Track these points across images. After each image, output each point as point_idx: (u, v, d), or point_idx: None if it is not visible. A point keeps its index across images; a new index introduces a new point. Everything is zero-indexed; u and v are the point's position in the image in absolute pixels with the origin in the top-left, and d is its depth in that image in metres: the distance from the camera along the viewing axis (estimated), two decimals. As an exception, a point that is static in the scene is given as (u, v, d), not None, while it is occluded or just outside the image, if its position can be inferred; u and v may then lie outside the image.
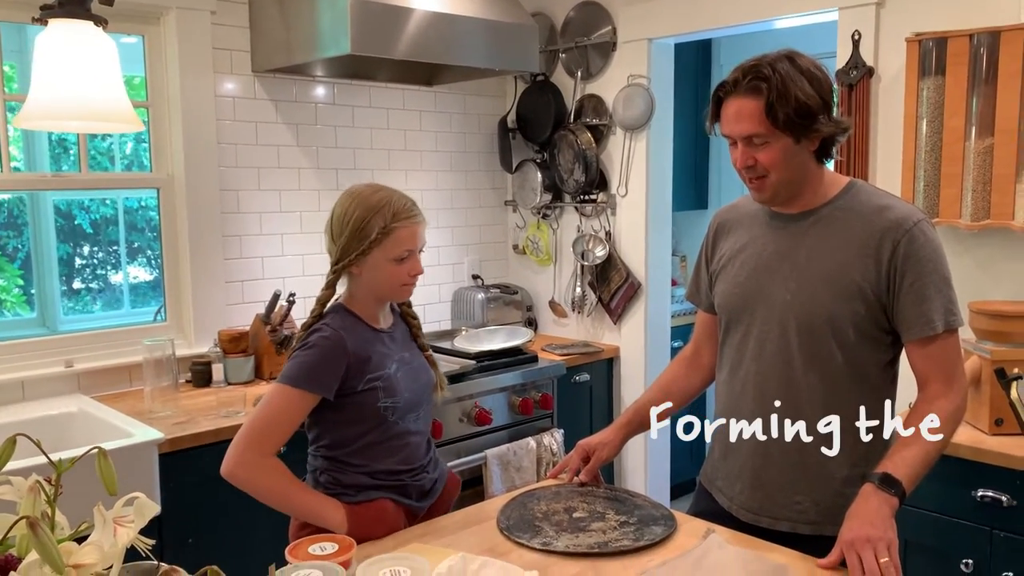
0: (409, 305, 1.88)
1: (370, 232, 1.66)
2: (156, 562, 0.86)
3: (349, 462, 1.72)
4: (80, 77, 1.53)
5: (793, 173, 1.54)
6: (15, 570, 0.71)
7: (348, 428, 1.71)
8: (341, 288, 1.77)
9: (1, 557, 0.73)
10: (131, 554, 0.91)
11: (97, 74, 1.55)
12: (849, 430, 1.56)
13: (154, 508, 0.84)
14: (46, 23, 1.63)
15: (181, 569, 0.77)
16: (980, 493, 2.10)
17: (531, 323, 3.74)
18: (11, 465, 0.92)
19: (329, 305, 1.74)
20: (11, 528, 0.71)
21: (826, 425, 1.55)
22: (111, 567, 0.79)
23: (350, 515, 1.67)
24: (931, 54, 2.42)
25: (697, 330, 1.89)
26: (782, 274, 1.59)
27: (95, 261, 3.71)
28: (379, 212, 1.66)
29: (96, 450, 0.86)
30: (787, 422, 1.59)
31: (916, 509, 2.20)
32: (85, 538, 0.86)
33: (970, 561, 2.12)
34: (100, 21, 1.65)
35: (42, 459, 1.40)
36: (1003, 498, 2.07)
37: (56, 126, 1.79)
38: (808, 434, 1.58)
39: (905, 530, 2.17)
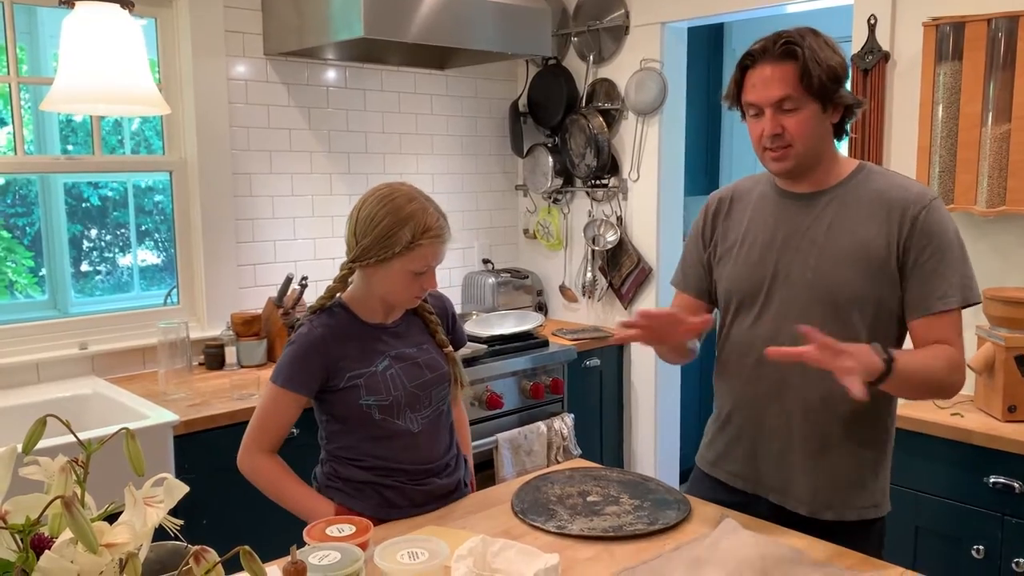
0: (426, 300, 1.81)
1: (395, 243, 1.61)
2: (185, 543, 0.87)
3: (344, 456, 1.73)
4: (107, 60, 1.53)
5: (816, 144, 1.55)
6: (49, 549, 0.72)
7: (336, 424, 1.72)
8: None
9: (33, 536, 0.74)
10: (157, 534, 0.92)
11: (123, 57, 1.55)
12: (869, 410, 1.57)
13: (183, 488, 0.85)
14: (73, 6, 1.62)
15: (211, 549, 0.78)
16: (992, 479, 2.11)
17: (541, 308, 3.75)
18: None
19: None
20: (47, 507, 0.72)
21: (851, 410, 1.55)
22: (140, 547, 0.80)
23: (339, 514, 1.65)
24: (948, 39, 2.40)
25: (679, 307, 1.79)
26: (801, 252, 1.58)
27: (103, 244, 3.72)
28: (409, 225, 1.61)
29: (124, 431, 0.86)
30: (809, 404, 1.59)
31: (928, 495, 2.21)
32: (112, 518, 0.87)
33: (981, 547, 2.13)
34: (126, 4, 1.64)
35: (64, 440, 1.42)
36: (1015, 484, 2.07)
37: (83, 109, 1.79)
38: (831, 415, 1.58)
39: (917, 516, 2.20)
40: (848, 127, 1.59)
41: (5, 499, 0.78)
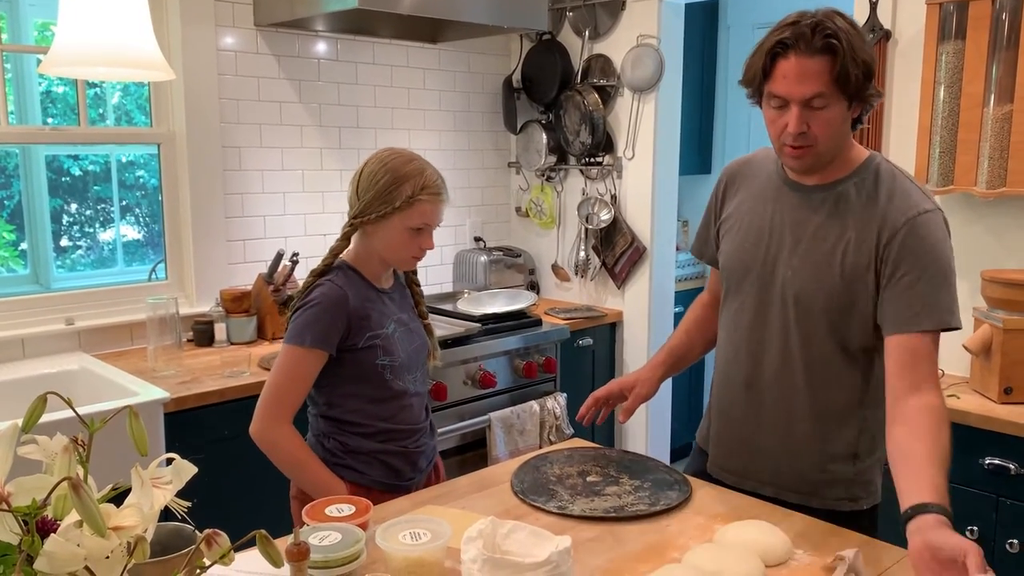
0: (415, 273, 1.93)
1: (395, 198, 1.68)
2: (192, 526, 0.84)
3: (350, 421, 1.74)
4: (108, 21, 1.46)
5: (838, 141, 1.48)
6: (54, 532, 0.68)
7: (347, 386, 1.73)
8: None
9: (38, 519, 0.71)
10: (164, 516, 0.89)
11: (126, 18, 1.48)
12: (839, 410, 1.56)
13: (192, 469, 0.83)
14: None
15: (222, 532, 0.75)
16: (988, 461, 2.11)
17: (533, 287, 3.72)
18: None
19: (338, 259, 1.77)
20: (54, 489, 0.69)
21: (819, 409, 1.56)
22: (147, 529, 0.77)
23: (351, 493, 1.70)
24: (951, 18, 2.38)
25: (712, 281, 1.84)
26: (787, 248, 1.55)
27: (83, 219, 3.65)
28: (408, 181, 1.68)
29: (128, 408, 0.83)
30: (777, 395, 1.59)
31: (923, 476, 2.21)
32: (113, 499, 0.84)
33: (975, 528, 2.14)
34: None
35: (57, 416, 1.38)
36: (1011, 466, 2.08)
37: (84, 73, 1.72)
38: (797, 409, 1.58)
39: (912, 497, 2.19)
40: (863, 119, 1.52)
41: (6, 480, 0.75)
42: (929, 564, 1.14)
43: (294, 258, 2.88)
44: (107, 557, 0.70)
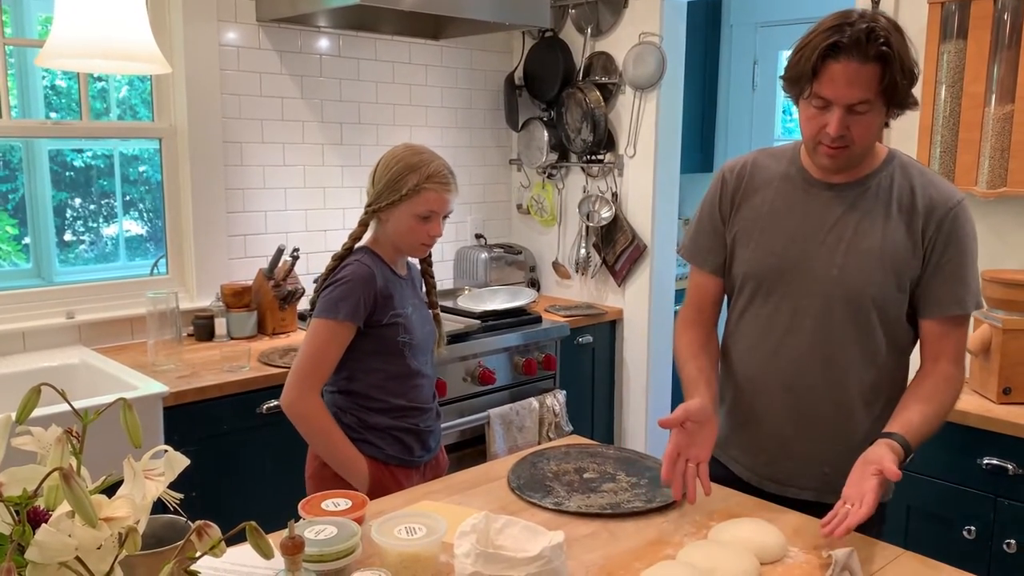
0: (430, 264, 2.03)
1: (402, 187, 1.79)
2: (185, 518, 0.84)
3: (369, 395, 1.85)
4: (106, 14, 1.46)
5: (872, 143, 1.50)
6: (46, 522, 0.69)
7: (369, 360, 1.84)
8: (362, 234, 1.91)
9: (29, 510, 0.71)
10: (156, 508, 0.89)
11: (122, 12, 1.48)
12: (882, 406, 1.57)
13: (184, 461, 0.83)
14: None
15: (213, 524, 0.75)
16: (986, 461, 2.11)
17: (534, 284, 3.72)
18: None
19: (357, 244, 1.88)
20: (44, 479, 0.69)
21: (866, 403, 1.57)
22: (139, 521, 0.77)
23: (371, 470, 1.84)
24: (953, 17, 2.37)
25: (698, 294, 1.73)
26: (828, 247, 1.54)
27: (87, 213, 3.66)
28: (415, 171, 1.80)
29: (121, 401, 0.83)
30: (823, 397, 1.58)
31: (920, 476, 2.21)
32: (108, 491, 0.84)
33: (973, 528, 2.13)
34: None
35: (54, 409, 1.39)
36: (1008, 466, 2.08)
37: (80, 65, 1.73)
38: (844, 408, 1.57)
39: (909, 496, 2.20)
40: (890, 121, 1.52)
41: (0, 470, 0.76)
42: (857, 467, 1.43)
43: (295, 253, 2.89)
44: (98, 548, 0.70)
